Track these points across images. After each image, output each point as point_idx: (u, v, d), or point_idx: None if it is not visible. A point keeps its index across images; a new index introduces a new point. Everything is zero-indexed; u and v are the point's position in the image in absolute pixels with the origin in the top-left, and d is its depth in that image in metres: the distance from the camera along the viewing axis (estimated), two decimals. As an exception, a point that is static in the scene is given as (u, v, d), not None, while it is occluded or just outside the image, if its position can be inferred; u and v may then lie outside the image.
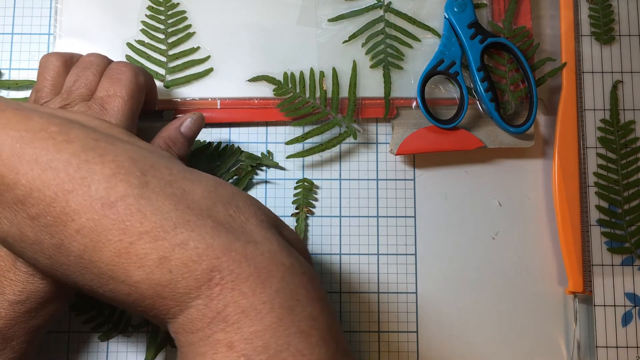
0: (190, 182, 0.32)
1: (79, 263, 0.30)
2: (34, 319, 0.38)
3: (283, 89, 0.51)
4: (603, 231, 0.50)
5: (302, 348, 0.29)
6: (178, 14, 0.52)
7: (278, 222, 0.35)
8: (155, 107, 0.49)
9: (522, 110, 0.51)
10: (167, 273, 0.29)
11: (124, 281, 0.30)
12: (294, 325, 0.29)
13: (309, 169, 0.52)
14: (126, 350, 0.49)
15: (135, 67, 0.44)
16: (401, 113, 0.51)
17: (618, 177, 0.51)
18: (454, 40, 0.51)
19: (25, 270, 0.37)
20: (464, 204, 0.52)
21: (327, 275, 0.50)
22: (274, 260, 0.31)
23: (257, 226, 0.32)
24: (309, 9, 0.52)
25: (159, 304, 0.30)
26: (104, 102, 0.41)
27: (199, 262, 0.29)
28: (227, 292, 0.29)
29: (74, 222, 0.30)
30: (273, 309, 0.29)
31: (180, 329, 0.30)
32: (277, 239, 0.32)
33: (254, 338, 0.29)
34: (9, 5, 0.52)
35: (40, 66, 0.45)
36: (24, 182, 0.30)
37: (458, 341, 0.50)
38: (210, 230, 0.30)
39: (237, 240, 0.30)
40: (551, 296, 0.51)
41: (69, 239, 0.30)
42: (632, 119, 0.52)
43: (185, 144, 0.44)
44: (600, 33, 0.53)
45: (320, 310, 0.31)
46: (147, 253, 0.29)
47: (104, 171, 0.30)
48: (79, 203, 0.30)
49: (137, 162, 0.32)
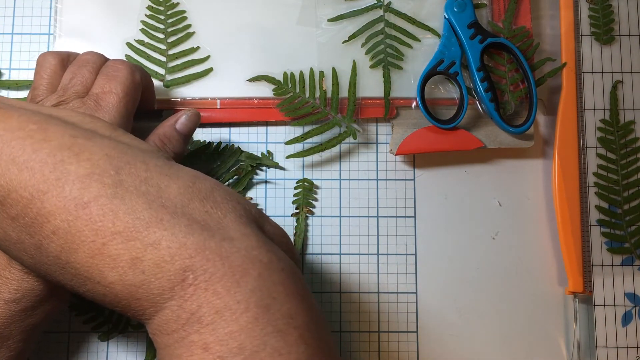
0: (167, 177, 0.32)
1: (57, 263, 0.30)
2: (30, 317, 0.38)
3: (283, 89, 0.51)
4: (603, 231, 0.50)
5: (280, 347, 0.29)
6: (178, 14, 0.52)
7: (260, 216, 0.34)
8: (153, 106, 0.49)
9: (522, 111, 0.51)
10: (140, 274, 0.29)
11: (99, 282, 0.30)
12: (270, 325, 0.29)
13: (309, 169, 0.52)
14: (126, 350, 0.48)
15: (131, 65, 0.44)
16: (401, 113, 0.51)
17: (618, 177, 0.51)
18: (454, 40, 0.51)
19: (20, 269, 0.37)
20: (464, 204, 0.52)
21: (327, 275, 0.50)
22: (250, 258, 0.30)
23: (235, 221, 0.31)
24: (309, 8, 0.52)
25: (134, 305, 0.30)
26: (98, 98, 0.41)
27: (172, 262, 0.29)
28: (200, 293, 0.29)
29: (49, 223, 0.30)
30: (248, 309, 0.29)
31: (157, 331, 0.30)
32: (255, 235, 0.32)
33: (229, 339, 0.28)
34: (9, 5, 0.52)
35: (37, 65, 0.45)
36: (2, 182, 0.30)
37: (458, 341, 0.50)
38: (184, 228, 0.30)
39: (211, 238, 0.30)
40: (551, 296, 0.50)
41: (46, 240, 0.30)
42: (632, 119, 0.52)
43: (180, 141, 0.44)
44: (600, 33, 0.53)
45: (299, 307, 0.30)
46: (120, 254, 0.29)
47: (78, 171, 0.30)
48: (54, 204, 0.29)
49: (113, 159, 0.31)
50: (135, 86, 0.43)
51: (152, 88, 0.48)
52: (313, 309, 0.32)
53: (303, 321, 0.30)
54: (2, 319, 0.37)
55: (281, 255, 0.32)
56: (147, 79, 0.46)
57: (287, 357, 0.29)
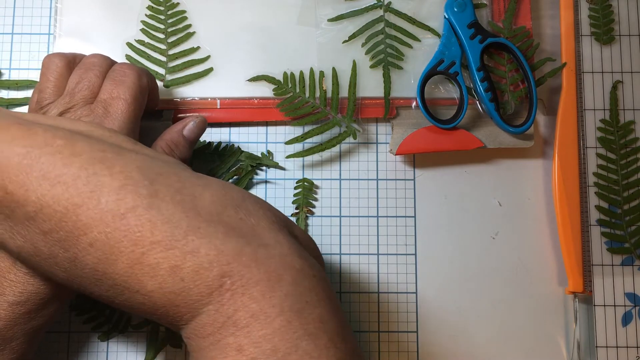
0: (200, 187, 0.32)
1: (93, 275, 0.31)
2: (34, 320, 0.38)
3: (283, 89, 0.51)
4: (603, 231, 0.50)
5: (311, 350, 0.29)
6: (178, 14, 0.52)
7: (288, 222, 0.35)
8: (156, 107, 0.49)
9: (522, 111, 0.51)
10: (179, 281, 0.29)
11: (138, 291, 0.30)
12: (302, 328, 0.30)
13: (309, 169, 0.52)
14: (126, 350, 0.49)
15: (138, 69, 0.44)
16: (401, 113, 0.51)
17: (618, 177, 0.51)
18: (454, 40, 0.51)
19: (25, 272, 0.37)
20: (464, 204, 0.52)
21: (327, 275, 0.50)
22: (284, 264, 0.31)
23: (268, 229, 0.32)
24: (309, 8, 0.52)
25: (172, 312, 0.30)
26: (107, 104, 0.41)
27: (210, 269, 0.29)
28: (237, 297, 0.29)
29: (85, 235, 0.30)
30: (282, 312, 0.29)
31: (192, 334, 0.31)
32: (287, 241, 0.32)
33: (263, 341, 0.29)
34: (9, 5, 0.52)
35: (43, 66, 0.44)
36: (34, 198, 0.30)
37: (458, 341, 0.50)
38: (221, 236, 0.30)
39: (247, 245, 0.31)
40: (551, 296, 0.50)
41: (83, 253, 0.30)
42: (632, 119, 0.52)
43: (187, 147, 0.45)
44: (600, 33, 0.53)
45: (330, 312, 0.31)
46: (159, 262, 0.29)
47: (112, 183, 0.30)
48: (90, 217, 0.30)
49: (145, 171, 0.32)
50: (143, 91, 0.43)
51: (157, 90, 0.48)
52: (341, 313, 0.32)
53: (333, 326, 0.31)
54: (6, 321, 0.37)
55: (312, 261, 0.33)
56: (152, 81, 0.46)
57: None
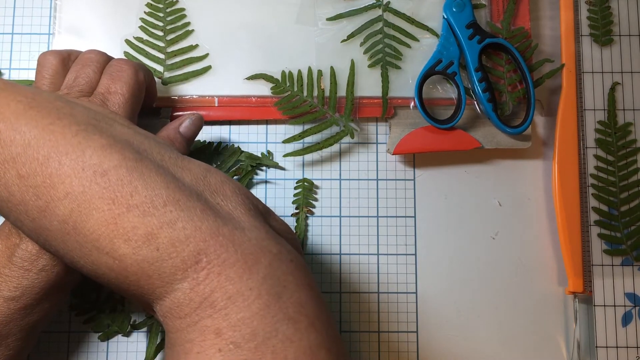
0: (181, 169, 0.33)
1: (62, 229, 0.30)
2: (30, 315, 0.38)
3: (281, 88, 0.51)
4: (600, 233, 0.50)
5: (291, 334, 0.29)
6: (177, 12, 0.52)
7: (267, 211, 0.35)
8: (154, 103, 0.49)
9: (520, 111, 0.51)
10: (154, 250, 0.29)
11: (107, 253, 0.30)
12: (281, 312, 0.29)
13: (308, 169, 0.52)
14: (126, 350, 0.48)
15: (135, 64, 0.44)
16: (399, 113, 0.51)
17: (615, 179, 0.51)
18: (452, 41, 0.51)
19: (20, 266, 0.37)
20: (464, 204, 0.52)
21: (327, 275, 0.50)
22: (261, 247, 0.31)
23: (245, 214, 0.32)
24: (308, 8, 0.52)
25: (144, 282, 0.30)
26: (105, 98, 0.41)
27: (187, 243, 0.29)
28: (213, 277, 0.29)
29: (63, 184, 0.30)
30: (260, 296, 0.29)
31: (168, 314, 0.30)
32: (264, 227, 0.32)
33: (242, 325, 0.28)
34: (9, 5, 0.53)
35: (38, 64, 0.44)
36: (18, 137, 0.30)
37: (458, 341, 0.50)
38: (199, 212, 0.30)
39: (224, 225, 0.30)
40: (551, 296, 0.50)
41: (55, 202, 0.30)
42: (631, 121, 0.51)
43: (183, 144, 0.45)
44: (599, 35, 0.53)
45: (308, 296, 0.31)
46: (135, 227, 0.29)
47: (101, 141, 0.31)
48: (71, 166, 0.30)
49: (134, 142, 0.32)
50: (140, 86, 0.43)
51: (154, 86, 0.48)
52: (320, 299, 0.32)
53: (312, 310, 0.31)
54: (2, 317, 0.37)
55: (289, 247, 0.33)
56: (149, 77, 0.46)
57: (299, 344, 0.29)
